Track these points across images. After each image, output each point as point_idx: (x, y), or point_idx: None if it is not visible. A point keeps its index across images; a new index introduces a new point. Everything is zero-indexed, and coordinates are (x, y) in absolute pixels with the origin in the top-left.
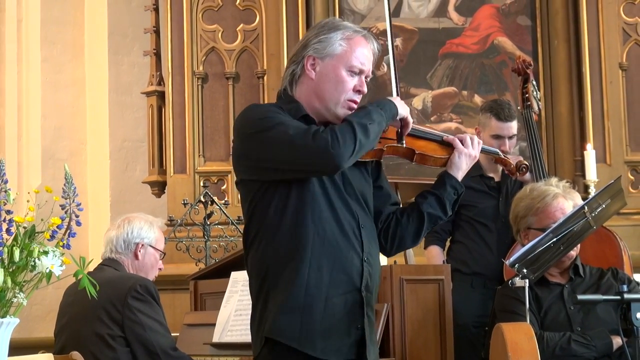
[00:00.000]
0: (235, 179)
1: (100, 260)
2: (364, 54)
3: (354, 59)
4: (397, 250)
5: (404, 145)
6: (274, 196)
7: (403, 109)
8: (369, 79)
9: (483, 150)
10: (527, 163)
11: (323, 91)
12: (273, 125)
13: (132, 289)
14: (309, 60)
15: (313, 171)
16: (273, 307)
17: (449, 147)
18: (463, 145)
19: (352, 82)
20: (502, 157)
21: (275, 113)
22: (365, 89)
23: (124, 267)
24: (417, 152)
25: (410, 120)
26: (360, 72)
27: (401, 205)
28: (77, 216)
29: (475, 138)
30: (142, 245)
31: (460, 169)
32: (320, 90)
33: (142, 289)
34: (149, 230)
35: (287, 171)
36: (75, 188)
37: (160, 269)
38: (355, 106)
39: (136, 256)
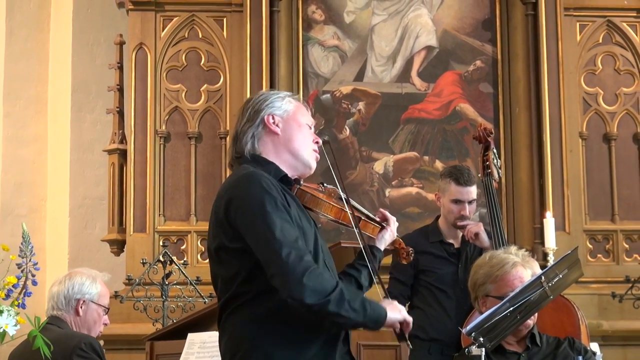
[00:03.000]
0: (211, 243)
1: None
2: (306, 112)
3: (304, 113)
4: None
5: (407, 343)
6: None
7: (394, 316)
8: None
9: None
10: (412, 250)
11: (293, 142)
12: (270, 212)
13: (76, 348)
14: (269, 119)
15: (274, 282)
16: None
17: (377, 224)
18: (393, 225)
19: (310, 133)
20: (399, 238)
21: (273, 194)
22: (320, 140)
23: (67, 324)
24: (365, 234)
25: (411, 321)
26: (311, 126)
27: None
28: (33, 275)
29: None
30: (84, 301)
31: (385, 243)
32: (290, 142)
33: (86, 346)
34: (90, 286)
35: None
36: (32, 247)
37: (105, 324)
38: (318, 155)
39: (77, 312)
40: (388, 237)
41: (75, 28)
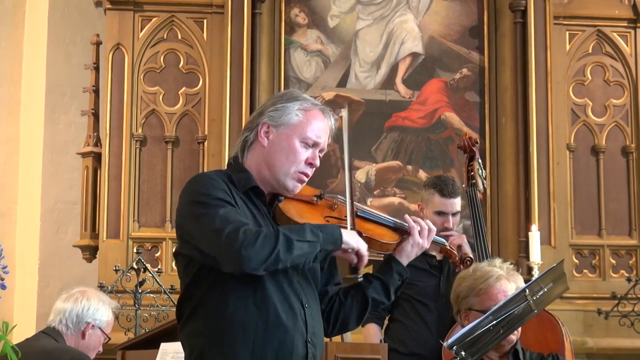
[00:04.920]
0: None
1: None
2: (319, 127)
3: (309, 130)
4: (338, 332)
5: (357, 275)
6: (211, 272)
7: (353, 241)
8: (322, 154)
9: (432, 241)
10: (471, 257)
11: (274, 160)
12: (210, 205)
13: None
14: (262, 128)
15: (221, 266)
16: None
17: (397, 232)
18: (420, 235)
19: (304, 153)
20: (448, 248)
21: (217, 190)
22: (317, 163)
23: (63, 339)
24: (364, 234)
25: (366, 254)
26: (315, 144)
27: (341, 285)
28: (2, 279)
29: (431, 227)
30: (93, 326)
31: (409, 257)
32: (271, 159)
33: None
34: (104, 313)
35: (205, 256)
36: (2, 250)
37: (99, 351)
38: (305, 179)
39: (83, 335)
40: (411, 248)
41: (50, 27)
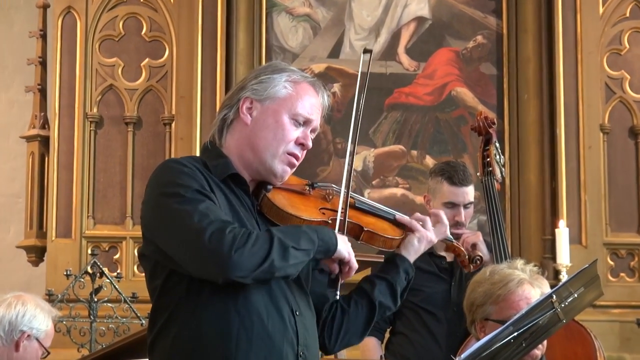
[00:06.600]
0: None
1: None
2: (311, 103)
3: (299, 106)
4: (340, 347)
5: (337, 298)
6: (184, 277)
7: (345, 249)
8: (314, 135)
9: None
10: (482, 255)
11: (258, 139)
12: (185, 198)
13: None
14: (245, 103)
15: (199, 273)
16: None
17: (399, 226)
18: (425, 227)
19: (294, 132)
20: (456, 244)
21: (192, 179)
22: (309, 144)
23: None
24: (365, 229)
25: (355, 267)
26: (306, 122)
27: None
28: None
29: (441, 216)
30: (29, 335)
31: (418, 253)
32: (255, 139)
33: None
34: (42, 321)
35: (170, 260)
36: None
37: None
38: (296, 163)
39: (17, 347)
40: (419, 243)
41: None
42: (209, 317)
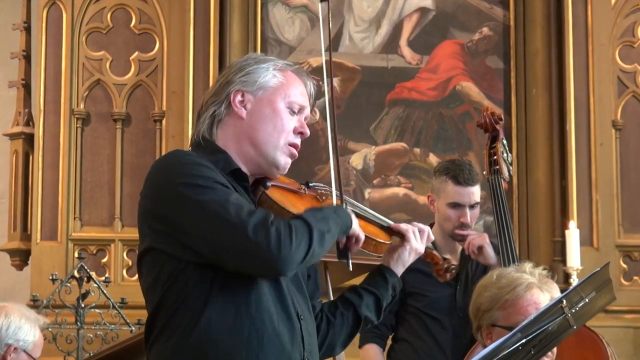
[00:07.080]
0: (141, 246)
1: None
2: (302, 91)
3: (292, 94)
4: (322, 358)
5: (350, 268)
6: (194, 274)
7: (357, 224)
8: (307, 122)
9: None
10: (455, 264)
11: (258, 132)
12: (212, 189)
13: None
14: (236, 96)
15: (244, 269)
16: None
17: (387, 232)
18: (415, 238)
19: (292, 121)
20: (434, 252)
21: (210, 170)
22: (307, 131)
23: None
24: None
25: (362, 237)
26: (301, 110)
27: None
28: None
29: (423, 228)
30: (15, 348)
31: (405, 265)
32: (254, 132)
33: None
34: (29, 332)
35: (210, 255)
36: None
37: None
38: (296, 153)
39: None
40: (408, 255)
41: None
42: (216, 316)
